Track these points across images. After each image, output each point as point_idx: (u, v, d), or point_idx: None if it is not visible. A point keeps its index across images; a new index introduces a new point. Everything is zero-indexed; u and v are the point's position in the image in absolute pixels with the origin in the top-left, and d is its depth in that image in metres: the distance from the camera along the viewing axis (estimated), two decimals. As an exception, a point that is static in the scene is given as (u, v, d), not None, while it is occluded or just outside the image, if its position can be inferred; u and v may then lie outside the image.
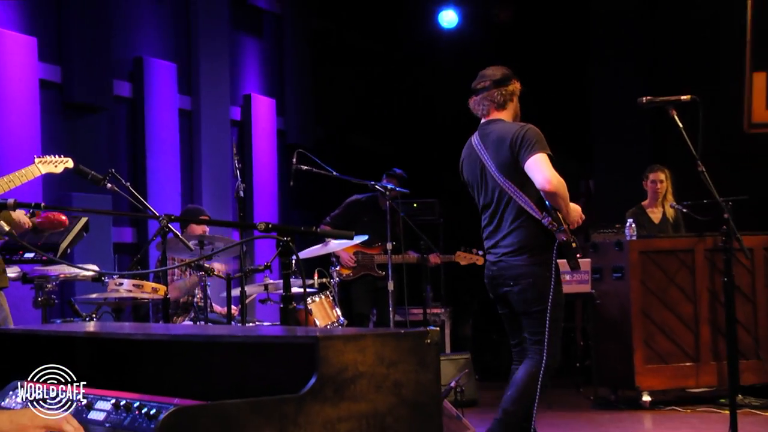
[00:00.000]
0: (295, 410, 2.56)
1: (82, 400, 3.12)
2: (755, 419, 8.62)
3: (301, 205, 12.38)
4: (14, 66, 8.92)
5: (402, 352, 2.75)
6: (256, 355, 2.97)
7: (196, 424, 2.43)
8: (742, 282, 9.44)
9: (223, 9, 11.74)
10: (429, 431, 2.77)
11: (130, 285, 7.50)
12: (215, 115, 11.45)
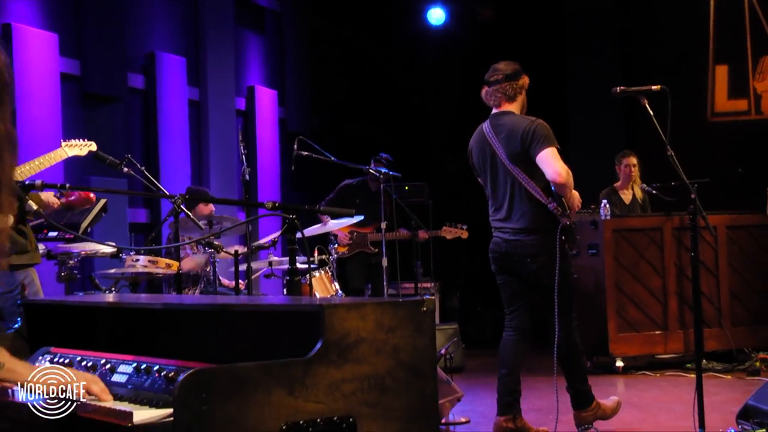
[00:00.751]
0: (302, 372, 2.57)
1: (105, 365, 3.13)
2: (718, 382, 8.69)
3: (302, 187, 12.37)
4: (38, 60, 8.92)
5: (400, 319, 2.75)
6: (265, 323, 2.97)
7: (212, 385, 2.43)
8: (706, 257, 9.50)
9: (228, 7, 11.72)
10: (425, 391, 2.78)
11: (145, 261, 7.52)
12: (221, 105, 11.45)
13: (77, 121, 9.23)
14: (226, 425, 2.45)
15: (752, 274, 9.98)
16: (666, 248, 9.56)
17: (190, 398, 2.41)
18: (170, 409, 2.54)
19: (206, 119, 11.23)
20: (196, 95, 11.18)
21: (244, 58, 12.30)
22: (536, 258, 6.42)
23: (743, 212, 10.28)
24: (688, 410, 5.79)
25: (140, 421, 2.60)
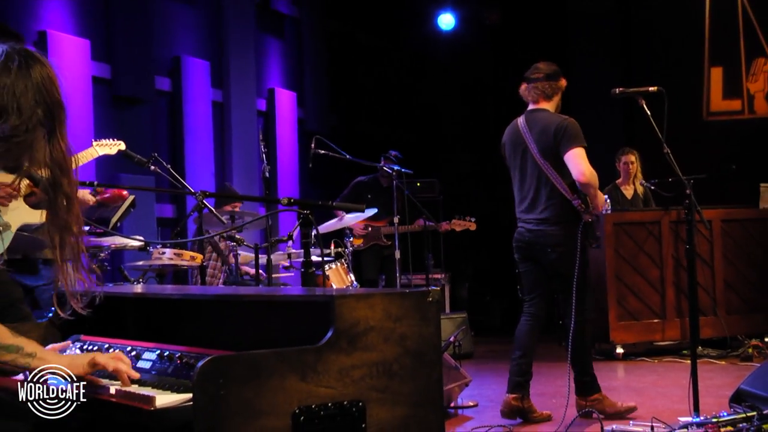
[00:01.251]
0: (314, 359, 2.57)
1: (131, 352, 3.14)
2: (712, 367, 8.68)
3: (319, 183, 12.38)
4: (71, 64, 8.95)
5: (407, 308, 2.75)
6: (280, 313, 2.98)
7: (229, 371, 2.44)
8: (702, 249, 9.50)
9: (249, 13, 11.73)
10: (431, 377, 2.78)
11: (171, 254, 7.52)
12: (243, 106, 11.46)
13: (108, 122, 9.26)
14: (243, 409, 2.45)
15: (746, 265, 9.97)
16: (664, 241, 9.56)
17: (208, 384, 2.41)
18: (190, 393, 2.55)
19: (229, 120, 11.24)
20: (219, 97, 11.19)
21: (264, 61, 12.31)
22: (556, 248, 6.48)
23: (737, 206, 10.30)
24: (684, 394, 5.79)
25: (162, 405, 2.61)
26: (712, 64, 12.41)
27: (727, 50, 12.32)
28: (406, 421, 2.72)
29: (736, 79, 12.27)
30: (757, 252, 10.07)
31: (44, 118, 2.87)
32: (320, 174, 11.54)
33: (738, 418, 5.35)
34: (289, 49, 12.90)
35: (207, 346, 2.96)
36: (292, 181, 12.29)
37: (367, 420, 2.64)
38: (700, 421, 5.33)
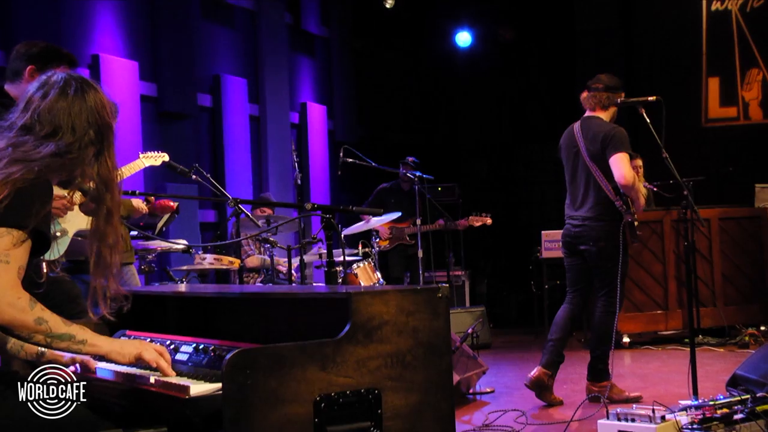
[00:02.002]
0: (333, 351, 2.59)
1: (170, 345, 3.17)
2: (712, 354, 8.65)
3: (348, 189, 12.39)
4: (121, 84, 9.01)
5: (418, 304, 2.76)
6: (303, 308, 3.00)
7: (255, 362, 2.45)
8: (701, 246, 9.46)
9: (282, 34, 11.76)
10: (440, 366, 2.78)
11: (211, 258, 7.60)
12: (278, 119, 11.48)
13: (154, 136, 9.31)
14: (268, 397, 2.47)
15: (742, 259, 9.93)
16: (666, 238, 9.54)
17: (236, 374, 2.43)
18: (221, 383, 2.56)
19: (265, 132, 11.27)
20: (256, 111, 11.22)
21: (297, 78, 12.34)
22: (598, 242, 6.57)
23: (733, 205, 10.27)
24: (685, 379, 5.80)
25: (195, 394, 2.63)
26: (710, 74, 12.35)
27: (723, 62, 12.26)
28: (420, 407, 2.72)
29: (731, 88, 12.21)
30: (752, 247, 10.03)
31: (95, 138, 2.98)
32: (348, 180, 11.57)
33: (733, 401, 5.32)
34: (319, 66, 12.93)
35: (238, 339, 2.98)
36: (323, 188, 12.32)
37: (382, 406, 2.65)
38: (698, 404, 5.30)
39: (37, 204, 2.74)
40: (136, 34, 9.50)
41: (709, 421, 5.09)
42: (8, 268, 2.68)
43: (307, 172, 11.89)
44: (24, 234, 2.70)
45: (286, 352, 2.52)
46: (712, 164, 10.80)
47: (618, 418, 5.13)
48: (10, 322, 2.69)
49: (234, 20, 11.13)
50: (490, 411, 6.38)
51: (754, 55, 12.13)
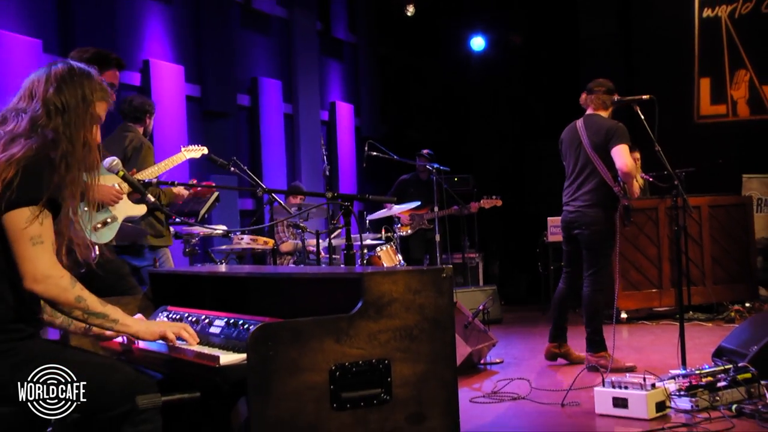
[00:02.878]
0: (347, 325, 2.60)
1: (205, 320, 3.19)
2: (701, 328, 8.63)
3: (372, 180, 12.40)
4: (169, 86, 9.06)
5: (425, 283, 2.75)
6: (322, 287, 3.01)
7: (277, 335, 2.47)
8: (692, 230, 9.46)
9: (314, 41, 11.78)
10: (445, 339, 2.78)
11: (248, 239, 7.62)
12: (309, 117, 11.51)
13: (199, 133, 9.35)
14: (288, 366, 2.48)
15: (729, 243, 9.88)
16: (660, 224, 9.50)
17: (259, 346, 2.45)
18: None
19: (297, 129, 11.29)
20: (289, 110, 11.24)
21: (327, 79, 12.36)
22: (590, 227, 6.65)
23: (722, 194, 10.22)
24: (675, 351, 5.78)
25: (224, 363, 2.66)
26: (701, 75, 12.28)
27: (713, 63, 12.19)
28: (425, 376, 2.73)
29: (721, 87, 12.14)
30: (738, 232, 9.99)
31: (71, 114, 2.91)
32: (373, 172, 11.57)
33: (717, 370, 5.31)
34: (347, 69, 12.94)
35: (264, 315, 2.99)
36: (350, 179, 12.34)
37: (392, 375, 2.66)
38: (686, 373, 5.30)
39: (45, 176, 2.72)
40: (182, 41, 9.55)
41: (694, 388, 5.08)
42: (45, 248, 2.70)
43: (336, 165, 11.92)
44: (40, 207, 2.69)
45: (305, 326, 2.53)
46: (703, 157, 10.71)
47: (613, 385, 5.14)
48: (55, 298, 2.73)
49: (270, 28, 11.15)
50: (499, 379, 6.38)
51: (742, 58, 12.05)
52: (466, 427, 5.02)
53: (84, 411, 2.85)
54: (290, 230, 8.80)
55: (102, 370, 2.81)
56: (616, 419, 4.97)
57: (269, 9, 10.98)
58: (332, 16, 12.41)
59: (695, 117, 12.33)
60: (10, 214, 2.67)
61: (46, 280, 2.69)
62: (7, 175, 2.66)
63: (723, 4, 12.20)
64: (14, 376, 2.69)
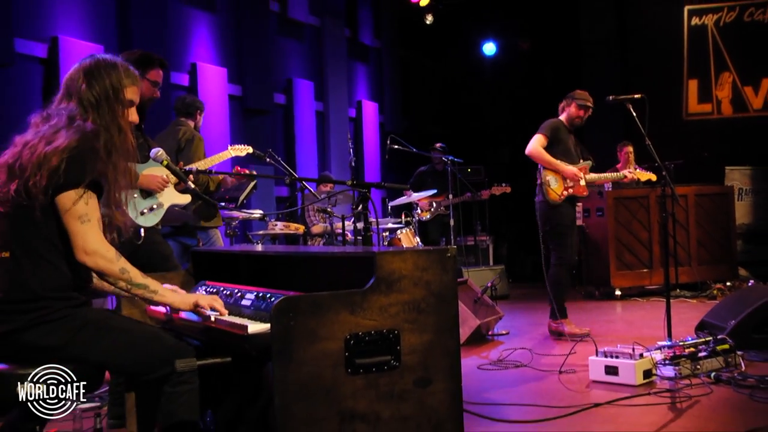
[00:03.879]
0: (361, 299, 2.59)
1: (238, 293, 3.19)
2: (687, 305, 8.56)
3: (394, 170, 12.40)
4: (214, 86, 9.08)
5: (431, 261, 2.73)
6: (340, 265, 3.01)
7: (297, 307, 2.46)
8: (680, 217, 9.39)
9: (342, 46, 11.77)
10: (448, 312, 2.76)
11: (282, 225, 7.63)
12: (338, 114, 11.51)
13: (240, 128, 9.39)
14: (307, 335, 2.48)
15: (713, 228, 9.82)
16: (651, 210, 9.46)
17: (281, 316, 2.44)
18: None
19: (328, 124, 11.30)
20: (321, 108, 11.25)
21: (354, 80, 12.35)
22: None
23: (707, 184, 10.16)
24: (662, 324, 5.73)
25: (252, 332, 2.66)
26: (689, 77, 12.20)
27: (700, 66, 12.13)
28: (431, 344, 2.71)
29: (707, 88, 12.09)
30: (721, 218, 9.93)
31: (106, 104, 2.92)
32: (395, 163, 11.56)
33: (699, 341, 5.28)
34: (372, 71, 12.92)
35: (290, 289, 2.98)
36: (375, 169, 12.33)
37: (401, 344, 2.65)
38: (671, 344, 5.26)
39: (89, 163, 2.73)
40: (225, 46, 9.57)
41: (678, 358, 5.06)
42: (92, 225, 2.73)
43: (362, 156, 11.93)
44: (83, 188, 2.71)
45: (323, 300, 2.52)
46: (690, 150, 10.66)
47: (605, 355, 5.11)
48: (102, 269, 2.75)
49: (303, 34, 11.15)
50: (504, 348, 6.37)
51: (726, 62, 11.98)
52: (474, 389, 5.02)
53: (130, 373, 2.87)
54: (320, 215, 8.81)
55: (146, 337, 2.83)
56: (607, 385, 4.95)
57: (303, 18, 10.97)
58: (359, 24, 12.40)
59: (684, 115, 12.25)
60: (60, 196, 2.70)
61: (94, 253, 2.71)
62: (54, 164, 2.68)
63: (709, 13, 12.12)
64: (70, 339, 2.73)
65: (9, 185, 2.73)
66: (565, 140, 6.89)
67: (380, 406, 2.59)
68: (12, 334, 2.70)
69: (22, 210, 2.72)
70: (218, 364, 2.90)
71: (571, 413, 4.35)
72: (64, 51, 7.26)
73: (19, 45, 6.98)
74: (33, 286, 2.72)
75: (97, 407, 4.76)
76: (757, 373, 4.98)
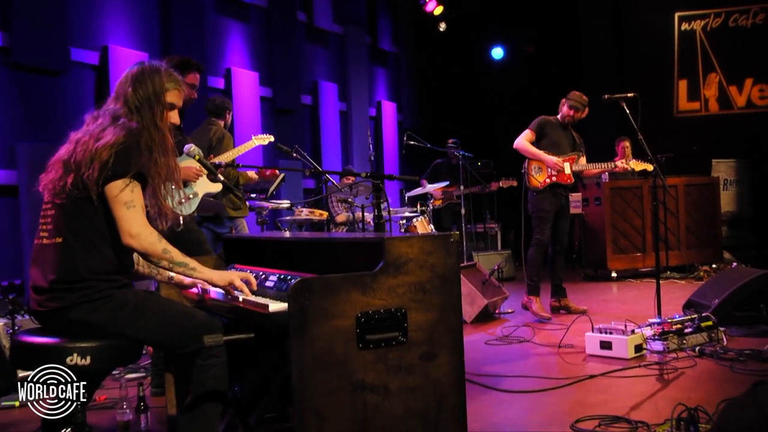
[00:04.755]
0: (371, 280, 2.57)
1: (262, 275, 3.18)
2: (676, 285, 8.47)
3: (410, 164, 12.36)
4: (247, 89, 9.08)
5: (436, 246, 2.70)
6: (353, 249, 2.98)
7: (312, 288, 2.44)
8: (670, 205, 9.31)
9: (364, 51, 11.74)
10: (452, 292, 2.73)
11: (307, 212, 7.61)
12: (360, 113, 11.48)
13: (270, 127, 9.38)
14: (321, 314, 2.46)
15: (700, 215, 9.72)
16: (644, 199, 9.39)
17: (297, 296, 2.43)
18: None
19: (350, 123, 11.27)
20: (344, 108, 11.23)
21: (374, 82, 12.31)
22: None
23: (695, 175, 10.05)
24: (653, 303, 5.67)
25: (273, 310, 2.65)
26: (680, 77, 12.07)
27: (689, 68, 12.01)
28: (435, 322, 2.69)
29: (695, 87, 11.96)
30: (708, 207, 9.82)
31: (148, 108, 2.93)
32: (411, 157, 11.53)
33: (685, 319, 5.23)
34: (391, 74, 12.87)
35: (308, 271, 2.97)
36: (393, 163, 12.30)
37: (408, 321, 2.63)
38: (660, 321, 5.22)
39: (134, 156, 2.75)
40: (257, 52, 9.56)
41: (666, 333, 5.02)
42: (137, 210, 2.75)
43: (381, 152, 11.90)
44: (129, 179, 2.74)
45: (335, 281, 2.50)
46: (680, 145, 10.56)
47: (600, 331, 5.08)
48: (146, 250, 2.76)
49: (328, 41, 11.12)
50: (509, 325, 6.36)
51: (713, 63, 11.85)
52: (482, 362, 5.00)
53: (167, 347, 2.88)
54: (342, 205, 8.80)
55: (179, 315, 2.83)
56: (602, 358, 4.92)
57: (328, 26, 10.95)
58: (379, 32, 12.36)
59: (674, 112, 12.12)
60: (109, 185, 2.73)
61: (139, 236, 2.73)
62: (104, 158, 2.71)
63: (698, 19, 11.99)
64: (111, 316, 2.75)
65: (66, 179, 2.77)
66: (552, 134, 6.84)
67: (389, 378, 2.58)
68: (61, 311, 2.75)
69: (76, 201, 2.76)
70: (243, 340, 2.89)
71: (569, 384, 4.33)
72: (113, 58, 7.29)
73: (73, 54, 7.01)
74: (80, 269, 2.75)
75: (141, 377, 4.80)
76: (737, 347, 4.95)
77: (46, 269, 2.78)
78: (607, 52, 12.45)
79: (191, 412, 2.79)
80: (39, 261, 2.83)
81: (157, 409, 4.02)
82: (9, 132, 6.45)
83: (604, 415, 3.64)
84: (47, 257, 2.80)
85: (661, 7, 12.21)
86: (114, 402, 4.21)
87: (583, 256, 9.87)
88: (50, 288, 2.75)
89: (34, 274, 2.83)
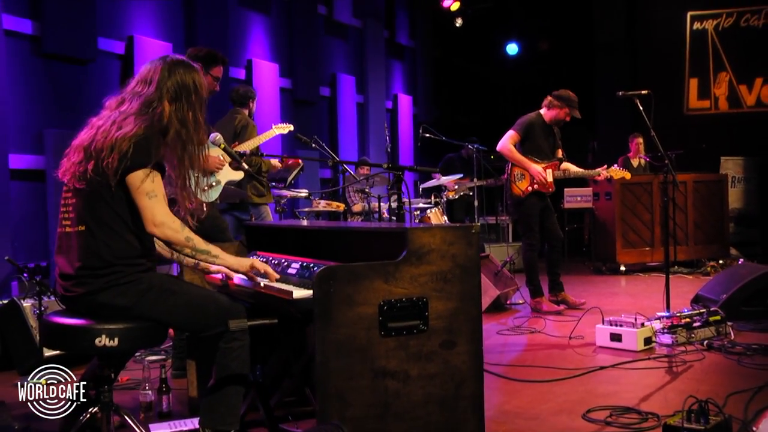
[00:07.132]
0: (393, 269, 2.56)
1: (284, 263, 3.17)
2: (684, 280, 8.44)
3: (426, 156, 12.32)
4: (267, 80, 9.08)
5: (457, 236, 2.69)
6: (376, 238, 2.97)
7: (336, 275, 2.44)
8: (679, 201, 9.26)
9: (381, 45, 11.71)
10: (472, 282, 2.72)
11: (324, 203, 7.60)
12: (377, 106, 11.46)
13: (289, 117, 9.36)
14: (345, 301, 2.46)
15: (708, 211, 9.64)
16: (654, 195, 9.32)
17: (322, 284, 2.42)
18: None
19: (367, 115, 11.26)
20: (361, 100, 11.22)
21: (391, 76, 12.28)
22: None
23: (704, 172, 9.98)
24: (662, 297, 5.63)
25: (297, 297, 2.64)
26: (691, 76, 11.99)
27: (700, 66, 11.94)
28: (455, 311, 2.68)
29: (706, 86, 11.89)
30: (716, 203, 9.73)
31: (173, 98, 2.87)
32: (427, 149, 11.49)
33: (693, 313, 5.20)
34: (407, 68, 12.85)
35: (330, 259, 2.96)
36: (408, 154, 12.28)
37: (429, 310, 2.61)
38: (669, 315, 5.19)
39: (153, 147, 2.73)
40: (278, 44, 9.55)
41: (675, 327, 4.99)
42: (159, 200, 2.73)
43: (397, 143, 11.88)
44: (149, 169, 2.71)
45: (359, 269, 2.49)
46: (690, 142, 10.48)
47: (610, 324, 5.05)
48: (169, 238, 2.75)
49: (347, 35, 11.10)
50: (521, 316, 6.35)
51: (723, 63, 11.77)
52: (494, 352, 4.98)
53: (189, 330, 2.88)
54: (359, 195, 8.78)
55: (203, 299, 2.82)
56: (612, 350, 4.90)
57: (347, 20, 10.92)
58: (396, 26, 12.33)
59: (685, 110, 12.05)
60: (129, 176, 2.71)
61: (162, 225, 2.71)
62: (124, 148, 2.68)
63: (709, 18, 11.90)
64: (138, 300, 2.74)
65: (86, 164, 2.74)
66: (536, 138, 6.71)
67: (409, 365, 2.57)
68: (89, 295, 2.74)
69: (97, 188, 2.74)
70: (266, 325, 2.88)
71: (579, 374, 4.31)
72: (138, 48, 7.30)
73: (101, 43, 7.02)
74: (105, 255, 2.73)
75: (163, 359, 4.81)
76: (744, 342, 4.93)
77: (72, 256, 2.77)
78: (620, 49, 12.38)
79: (214, 393, 2.79)
80: (64, 249, 2.81)
81: (178, 391, 4.03)
82: (37, 118, 6.48)
83: (614, 405, 3.62)
84: (72, 245, 2.78)
85: (673, 6, 12.13)
86: (136, 383, 4.22)
87: (593, 250, 9.84)
88: (77, 274, 2.74)
89: (60, 262, 2.82)
